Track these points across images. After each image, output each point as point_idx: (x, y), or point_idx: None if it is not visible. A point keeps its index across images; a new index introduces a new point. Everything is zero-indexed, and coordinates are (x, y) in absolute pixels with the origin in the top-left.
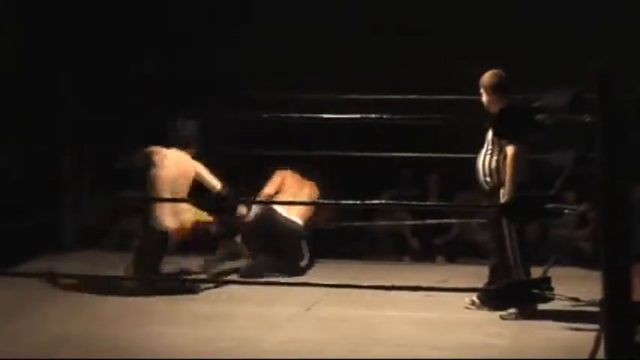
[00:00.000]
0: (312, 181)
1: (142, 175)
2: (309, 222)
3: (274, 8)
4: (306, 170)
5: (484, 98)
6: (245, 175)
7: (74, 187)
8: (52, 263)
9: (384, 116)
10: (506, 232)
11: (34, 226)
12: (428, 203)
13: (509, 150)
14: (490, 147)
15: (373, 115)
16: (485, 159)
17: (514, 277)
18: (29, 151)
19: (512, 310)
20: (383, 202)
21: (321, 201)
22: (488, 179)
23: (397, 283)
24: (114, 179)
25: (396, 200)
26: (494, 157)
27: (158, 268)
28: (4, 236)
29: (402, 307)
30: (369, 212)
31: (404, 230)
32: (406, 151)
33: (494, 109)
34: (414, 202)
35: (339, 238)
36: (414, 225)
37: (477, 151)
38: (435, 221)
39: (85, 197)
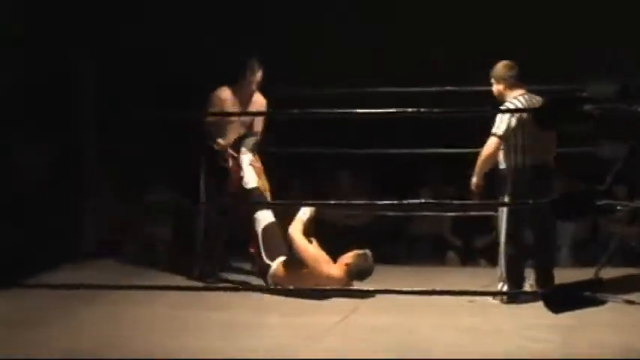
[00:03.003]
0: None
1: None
2: None
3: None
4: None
5: (496, 88)
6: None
7: (95, 190)
8: (72, 272)
9: (422, 110)
10: (504, 225)
11: (52, 231)
12: (469, 202)
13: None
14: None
15: (410, 110)
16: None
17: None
18: (46, 150)
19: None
20: (422, 201)
21: (360, 202)
22: (501, 167)
23: (438, 288)
24: (138, 181)
25: (435, 198)
26: (504, 144)
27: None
28: (20, 242)
29: (445, 313)
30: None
31: (444, 231)
32: (443, 147)
33: (507, 99)
34: (455, 201)
35: (373, 240)
36: (455, 225)
37: None
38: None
39: (106, 201)
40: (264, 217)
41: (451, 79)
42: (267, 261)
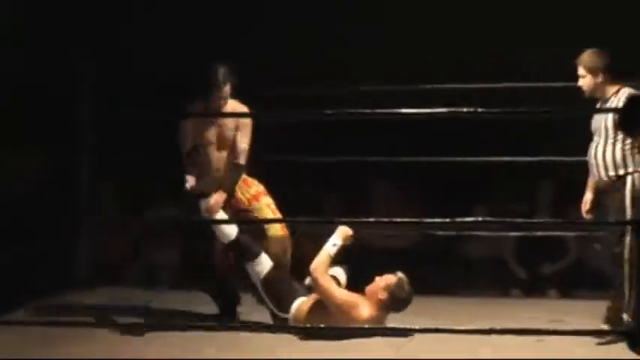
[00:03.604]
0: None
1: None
2: None
3: None
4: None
5: (587, 81)
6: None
7: (92, 205)
8: (69, 302)
9: (480, 110)
10: (626, 251)
11: (41, 254)
12: (535, 220)
13: None
14: (611, 135)
15: (465, 110)
16: (606, 149)
17: (625, 310)
18: (38, 162)
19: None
20: (480, 219)
21: (404, 220)
22: (612, 173)
23: (499, 324)
24: (139, 195)
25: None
26: (619, 146)
27: None
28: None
29: (508, 353)
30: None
31: (505, 255)
32: (503, 154)
33: (601, 94)
34: (518, 220)
35: (422, 266)
36: (519, 249)
37: None
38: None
39: (104, 219)
40: (261, 264)
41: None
42: (281, 314)
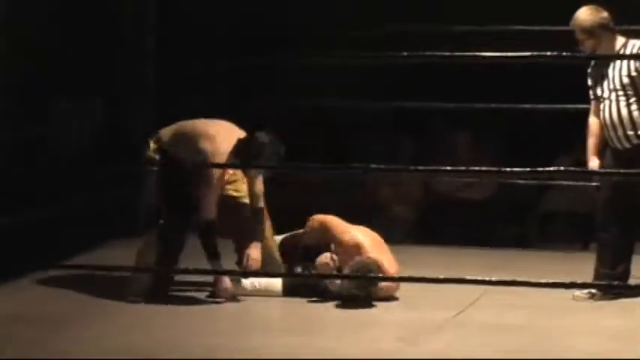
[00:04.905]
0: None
1: None
2: None
3: None
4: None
5: (588, 43)
6: None
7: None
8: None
9: (565, 53)
10: None
11: (101, 204)
12: (621, 171)
13: None
14: (629, 92)
15: (549, 53)
16: (621, 109)
17: None
18: (91, 111)
19: (587, 290)
20: (562, 169)
21: (482, 168)
22: (630, 133)
23: (578, 279)
24: None
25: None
26: (636, 106)
27: None
28: (64, 218)
29: (586, 311)
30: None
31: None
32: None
33: (605, 51)
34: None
35: (496, 219)
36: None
37: None
38: None
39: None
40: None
41: None
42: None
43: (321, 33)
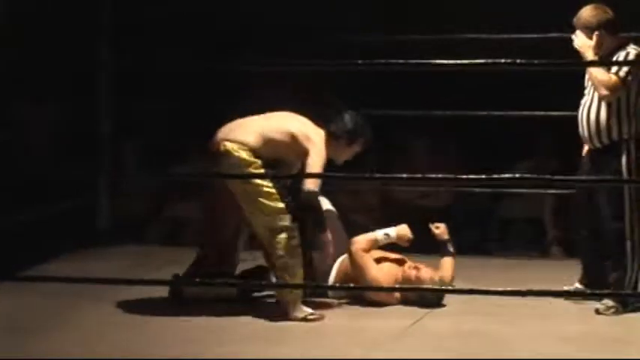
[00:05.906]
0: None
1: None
2: None
3: None
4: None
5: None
6: None
7: (113, 162)
8: (87, 261)
9: (519, 61)
10: (627, 206)
11: (61, 212)
12: (574, 178)
13: None
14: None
15: (503, 61)
16: (600, 109)
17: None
18: (55, 113)
19: (611, 303)
20: (517, 175)
21: (440, 176)
22: (603, 132)
23: (536, 286)
24: (163, 151)
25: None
26: (614, 107)
27: None
28: (24, 225)
29: (544, 317)
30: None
31: (543, 215)
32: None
33: (603, 52)
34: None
35: (458, 226)
36: (557, 207)
37: None
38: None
39: (126, 175)
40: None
41: None
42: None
43: (283, 37)
